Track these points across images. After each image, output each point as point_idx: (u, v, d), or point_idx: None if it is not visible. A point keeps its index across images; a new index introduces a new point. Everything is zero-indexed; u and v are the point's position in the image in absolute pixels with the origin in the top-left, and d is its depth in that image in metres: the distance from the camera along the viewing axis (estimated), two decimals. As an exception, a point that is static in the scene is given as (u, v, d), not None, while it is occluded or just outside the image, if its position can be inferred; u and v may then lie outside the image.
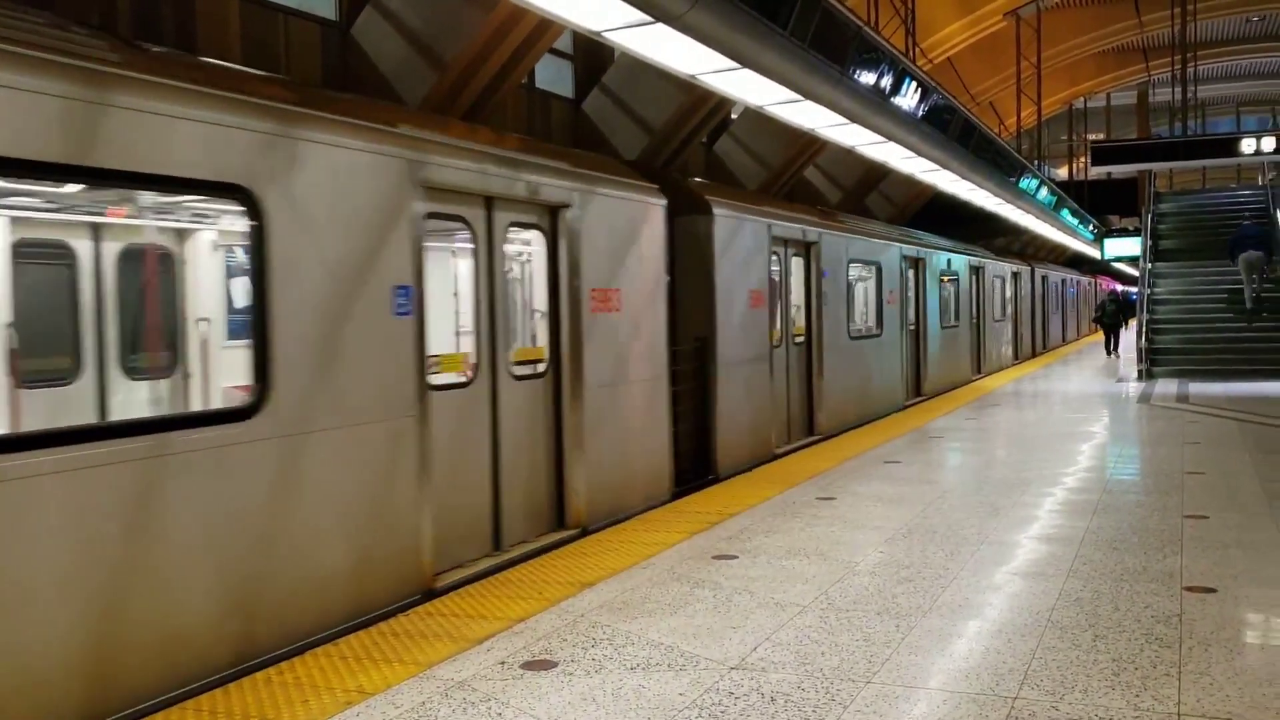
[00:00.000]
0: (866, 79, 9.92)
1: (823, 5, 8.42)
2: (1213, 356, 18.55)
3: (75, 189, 5.40)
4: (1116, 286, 43.42)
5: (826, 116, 9.79)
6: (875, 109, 10.36)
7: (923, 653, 4.56)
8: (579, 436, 7.32)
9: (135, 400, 6.44)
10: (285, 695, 4.22)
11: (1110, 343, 24.86)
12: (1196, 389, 16.32)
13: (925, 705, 4.00)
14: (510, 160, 6.65)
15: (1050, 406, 14.68)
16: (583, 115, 11.41)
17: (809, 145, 13.59)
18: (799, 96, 8.81)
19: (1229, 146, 22.19)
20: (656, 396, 8.46)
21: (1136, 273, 23.03)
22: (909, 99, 11.42)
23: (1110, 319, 24.92)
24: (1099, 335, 30.81)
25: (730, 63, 7.52)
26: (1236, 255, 19.22)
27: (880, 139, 11.25)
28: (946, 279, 18.09)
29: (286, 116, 4.96)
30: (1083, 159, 34.42)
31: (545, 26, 8.34)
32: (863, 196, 18.03)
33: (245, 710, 4.07)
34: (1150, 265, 21.41)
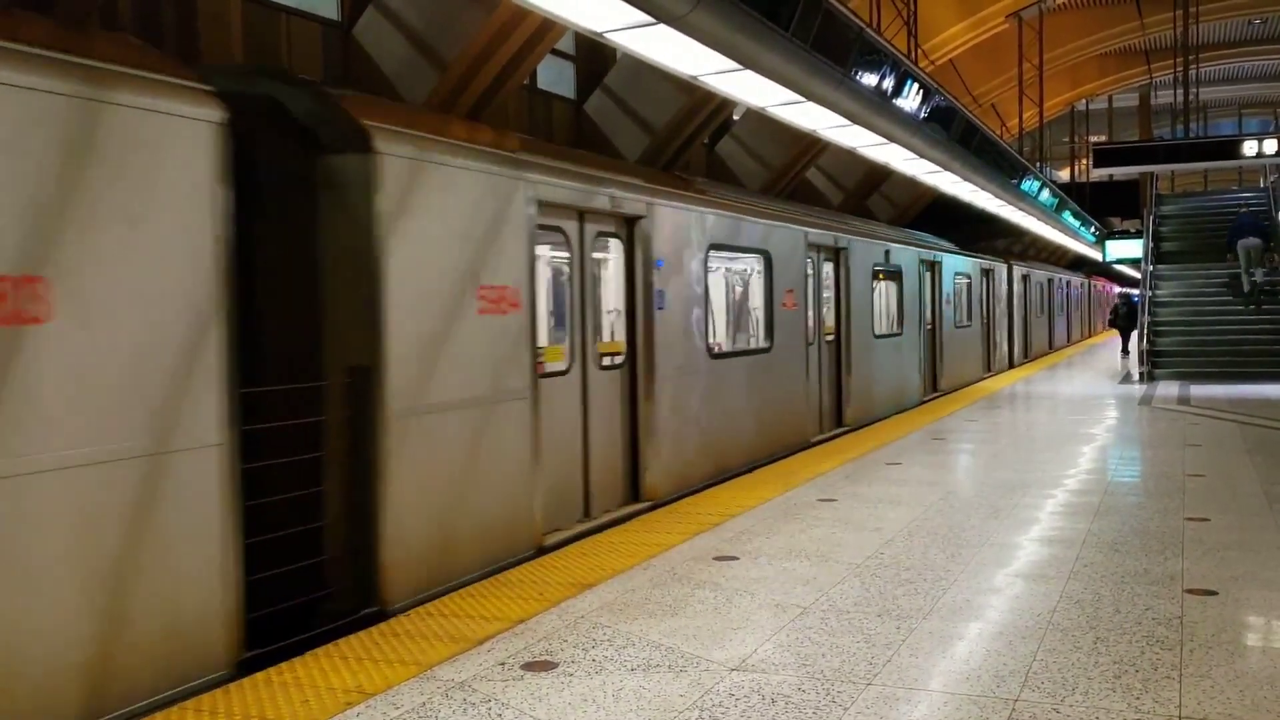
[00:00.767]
0: (868, 80, 9.91)
1: (825, 7, 8.42)
2: (1214, 359, 18.55)
3: None
4: (1133, 291, 43.02)
5: (828, 118, 9.78)
6: (877, 110, 10.36)
7: (924, 654, 4.56)
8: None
9: None
10: (285, 695, 4.21)
11: (1126, 343, 25.95)
12: (1198, 391, 16.31)
13: (926, 707, 4.00)
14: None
15: (1051, 408, 14.67)
16: (584, 116, 11.41)
17: (811, 146, 13.57)
18: (801, 98, 8.80)
19: (1231, 149, 22.13)
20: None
21: (1138, 275, 23.07)
22: (911, 100, 11.41)
23: (1124, 320, 25.89)
24: (1094, 340, 31.19)
25: (732, 64, 7.51)
26: (1235, 243, 19.78)
27: (882, 140, 11.24)
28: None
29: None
30: (1084, 161, 34.40)
31: (547, 27, 8.33)
32: (864, 198, 18.02)
33: (245, 710, 4.07)
34: (1152, 267, 21.39)
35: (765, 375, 10.60)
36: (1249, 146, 21.55)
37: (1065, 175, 41.16)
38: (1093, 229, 32.48)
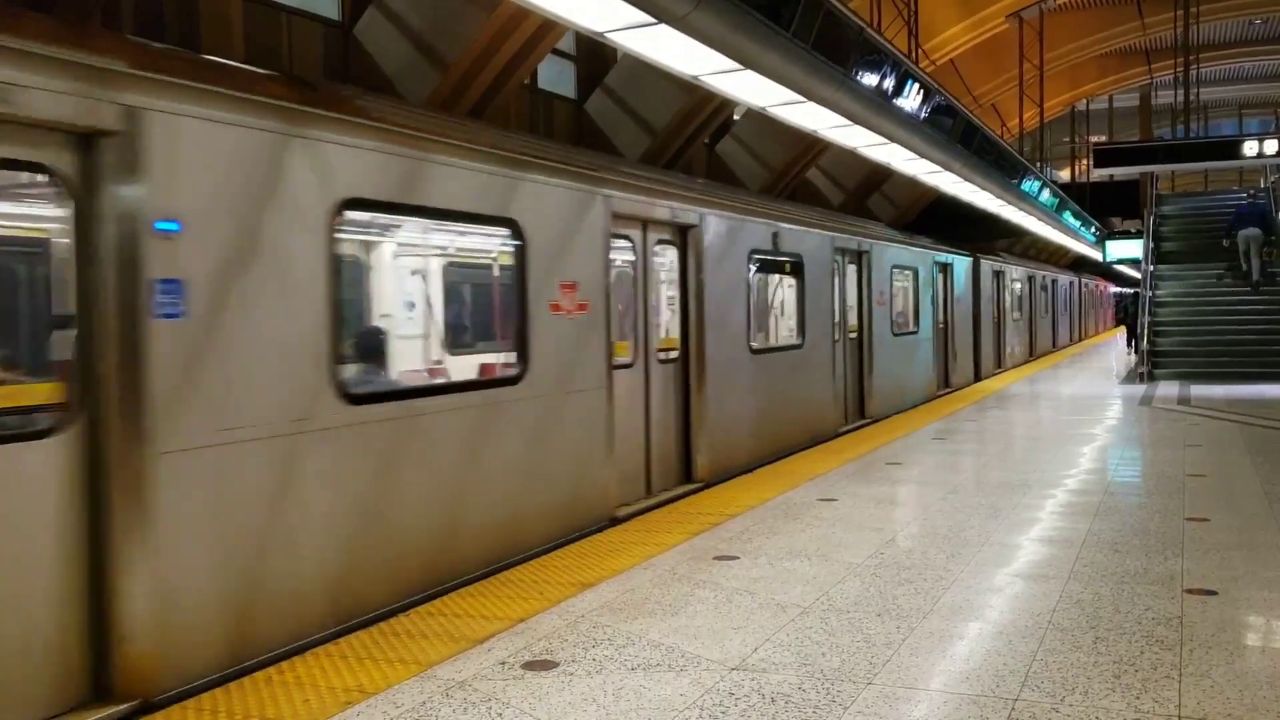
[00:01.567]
0: (869, 80, 9.91)
1: (825, 7, 8.42)
2: (1214, 359, 18.55)
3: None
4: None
5: (829, 118, 9.78)
6: (878, 110, 10.35)
7: (923, 654, 4.56)
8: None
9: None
10: (286, 694, 4.22)
11: (1131, 340, 26.02)
12: (1198, 391, 16.31)
13: (926, 707, 4.00)
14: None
15: (1051, 408, 14.67)
16: (585, 116, 11.41)
17: (811, 147, 13.58)
18: (801, 98, 8.80)
19: (1231, 149, 22.11)
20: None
21: (1137, 274, 23.12)
22: (911, 101, 11.41)
23: (1132, 318, 26.17)
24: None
25: (733, 64, 7.51)
26: (1235, 233, 20.24)
27: (883, 140, 11.23)
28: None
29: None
30: (1085, 161, 34.39)
31: (548, 27, 8.34)
32: (865, 198, 18.02)
33: (246, 709, 4.07)
34: (1152, 268, 21.38)
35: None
36: (1249, 147, 21.55)
37: (1066, 175, 41.14)
38: (1093, 229, 32.46)
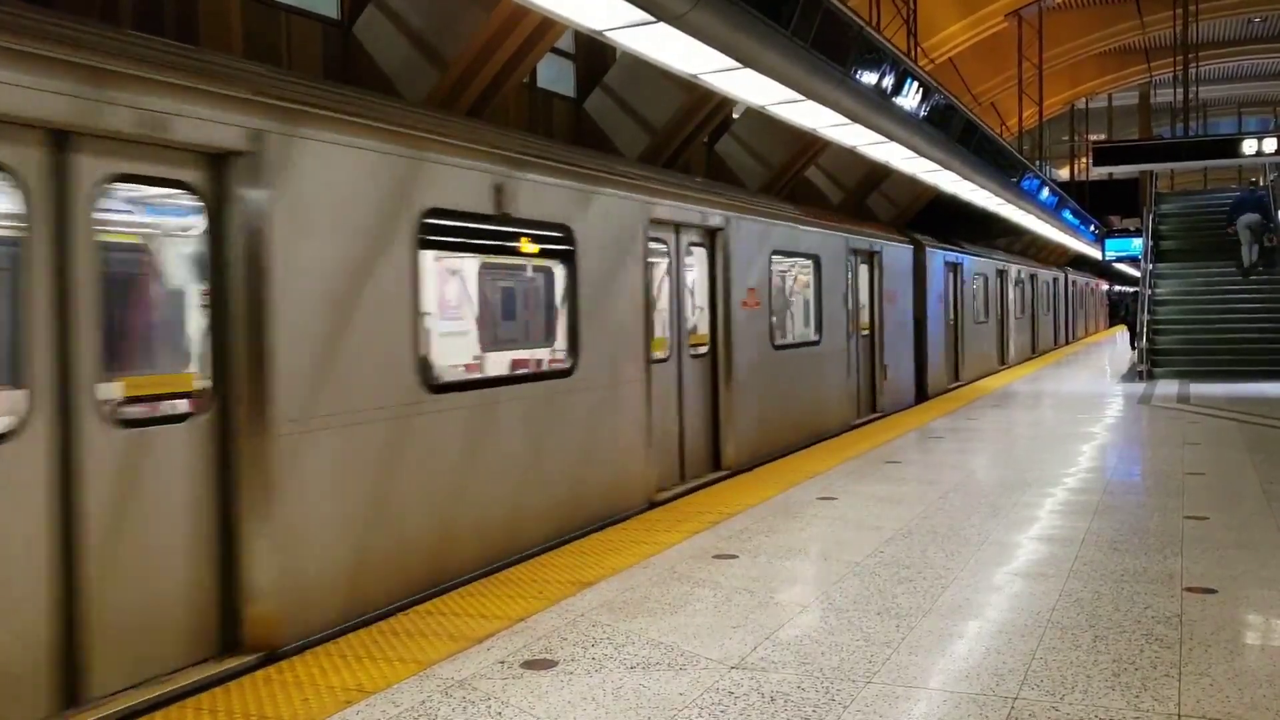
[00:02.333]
0: (868, 79, 9.91)
1: (825, 5, 8.41)
2: (1213, 357, 18.56)
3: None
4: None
5: (828, 116, 9.78)
6: (877, 109, 10.35)
7: (923, 653, 4.56)
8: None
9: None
10: (285, 694, 4.22)
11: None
12: (1197, 389, 16.31)
13: (925, 705, 4.00)
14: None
15: (1050, 407, 14.67)
16: (584, 115, 11.41)
17: (810, 145, 13.57)
18: (801, 96, 8.79)
19: (1230, 147, 22.13)
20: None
21: (1134, 271, 23.15)
22: (911, 99, 11.41)
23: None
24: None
25: (732, 62, 7.51)
26: (1235, 219, 20.64)
27: (882, 139, 11.23)
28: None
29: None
30: (1084, 159, 34.39)
31: (547, 26, 8.33)
32: (864, 197, 18.02)
33: (245, 708, 4.07)
34: (1151, 266, 21.39)
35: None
36: (1248, 145, 21.57)
37: (1065, 174, 41.14)
38: (1092, 228, 32.47)
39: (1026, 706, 3.95)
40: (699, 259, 9.62)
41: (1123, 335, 29.68)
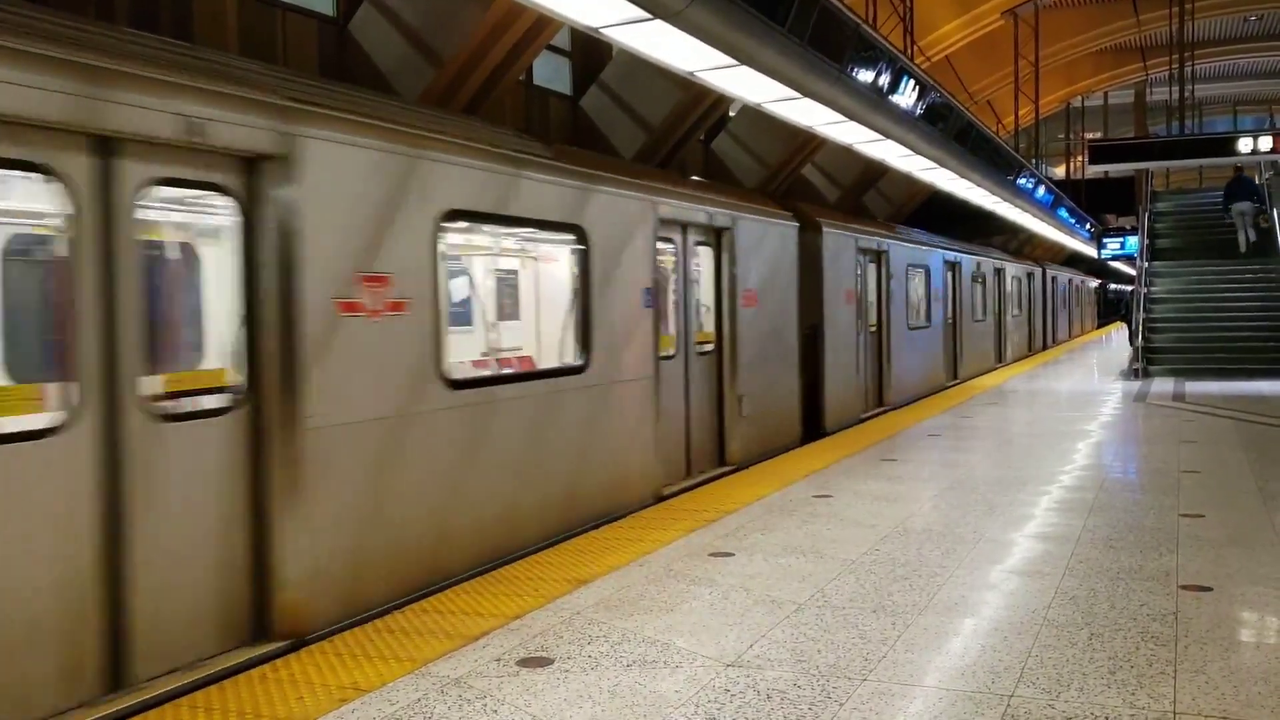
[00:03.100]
0: (865, 77, 9.91)
1: (821, 3, 8.41)
2: (1209, 355, 18.58)
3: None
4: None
5: (824, 114, 9.78)
6: (873, 107, 10.35)
7: (919, 650, 4.56)
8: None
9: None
10: (280, 692, 4.21)
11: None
12: (1193, 388, 16.34)
13: (921, 703, 4.00)
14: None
15: (1046, 405, 14.68)
16: (580, 112, 11.39)
17: (807, 143, 13.57)
18: (797, 94, 8.79)
19: (1226, 145, 22.17)
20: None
21: (1132, 270, 23.18)
22: (907, 97, 11.41)
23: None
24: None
25: (728, 60, 7.50)
26: (1230, 205, 21.62)
27: (878, 137, 11.23)
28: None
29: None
30: (1080, 158, 34.42)
31: (543, 23, 8.32)
32: (861, 194, 18.03)
33: (240, 706, 4.06)
34: (1147, 264, 21.42)
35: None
36: (1244, 143, 21.63)
37: (1061, 172, 41.17)
38: (1088, 226, 32.49)
39: (1022, 704, 3.96)
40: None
41: (1120, 332, 29.82)
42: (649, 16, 6.41)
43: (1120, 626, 4.84)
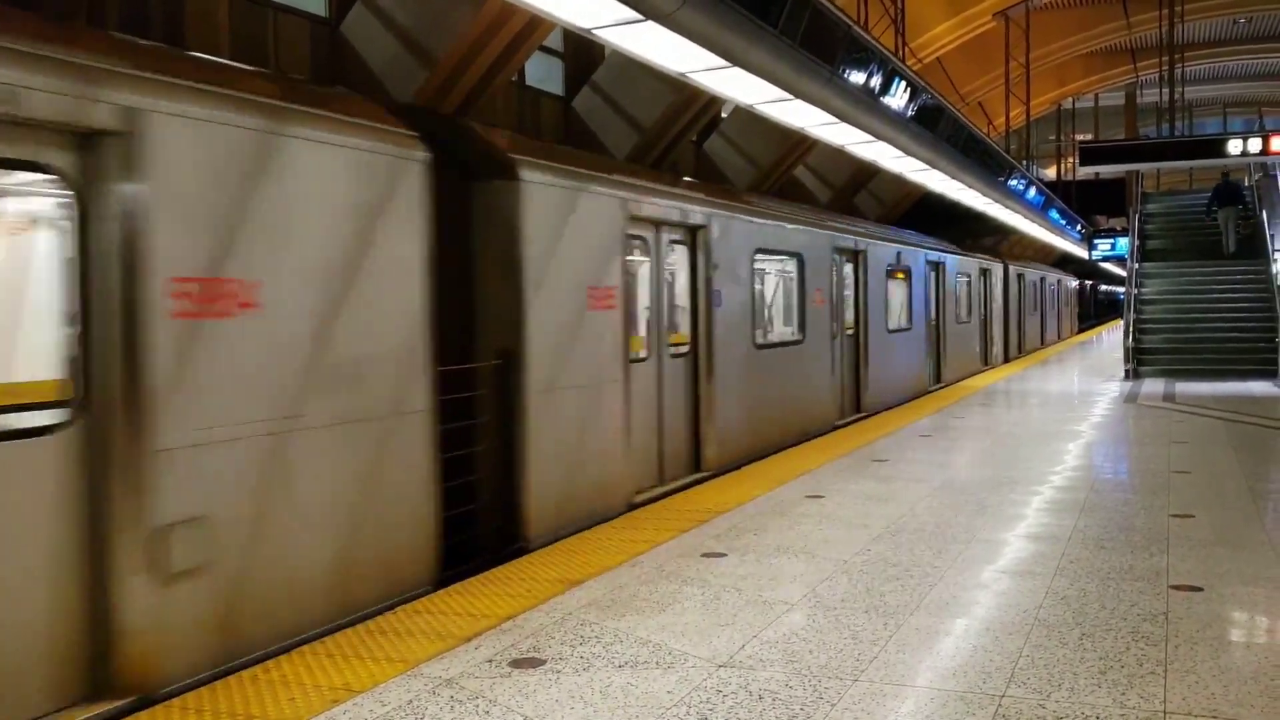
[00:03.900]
0: (856, 78, 9.93)
1: (813, 4, 8.42)
2: (1200, 356, 18.65)
3: None
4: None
5: (816, 115, 9.80)
6: (865, 108, 10.37)
7: (910, 651, 4.57)
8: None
9: None
10: (271, 693, 4.20)
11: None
12: (1183, 388, 16.39)
13: (913, 703, 4.01)
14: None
15: (1037, 406, 14.71)
16: (573, 113, 11.40)
17: (799, 144, 13.59)
18: (789, 95, 8.81)
19: (1216, 147, 22.20)
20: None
21: (1122, 271, 23.28)
22: (898, 98, 11.43)
23: None
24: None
25: (720, 61, 7.51)
26: (1213, 209, 22.12)
27: (870, 138, 11.25)
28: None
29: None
30: (1071, 159, 34.50)
31: (535, 24, 8.32)
32: (852, 195, 18.06)
33: (231, 708, 4.05)
34: (1137, 265, 21.49)
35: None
36: (1233, 145, 21.66)
37: (1052, 173, 41.27)
38: (1079, 227, 32.60)
39: (1013, 704, 3.97)
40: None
41: (1111, 333, 29.93)
42: (641, 18, 6.41)
43: (1111, 626, 4.85)
